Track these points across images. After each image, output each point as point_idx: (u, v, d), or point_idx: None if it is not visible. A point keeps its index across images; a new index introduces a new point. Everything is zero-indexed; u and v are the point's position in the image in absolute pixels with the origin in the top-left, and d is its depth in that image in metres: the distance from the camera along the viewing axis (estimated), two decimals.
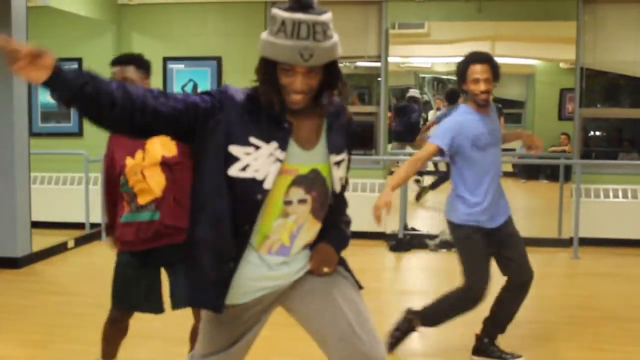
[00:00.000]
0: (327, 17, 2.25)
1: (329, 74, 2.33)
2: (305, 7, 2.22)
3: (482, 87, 4.03)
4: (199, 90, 8.13)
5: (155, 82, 8.42)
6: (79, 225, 8.01)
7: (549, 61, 8.72)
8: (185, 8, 8.37)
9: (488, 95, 4.08)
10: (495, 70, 4.09)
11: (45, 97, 8.51)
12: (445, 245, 7.57)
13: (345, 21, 8.23)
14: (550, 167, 8.28)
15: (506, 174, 8.71)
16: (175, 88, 8.39)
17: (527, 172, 10.20)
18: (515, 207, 4.85)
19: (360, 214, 8.15)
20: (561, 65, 9.54)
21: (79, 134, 8.49)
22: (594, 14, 7.99)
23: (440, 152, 4.12)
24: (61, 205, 8.33)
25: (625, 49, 8.03)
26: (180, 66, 8.36)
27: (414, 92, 10.94)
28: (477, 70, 4.03)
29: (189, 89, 8.36)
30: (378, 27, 8.20)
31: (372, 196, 8.05)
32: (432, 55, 10.50)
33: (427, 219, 9.04)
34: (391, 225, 7.87)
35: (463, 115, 4.19)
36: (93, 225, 8.04)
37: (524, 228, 7.96)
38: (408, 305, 4.46)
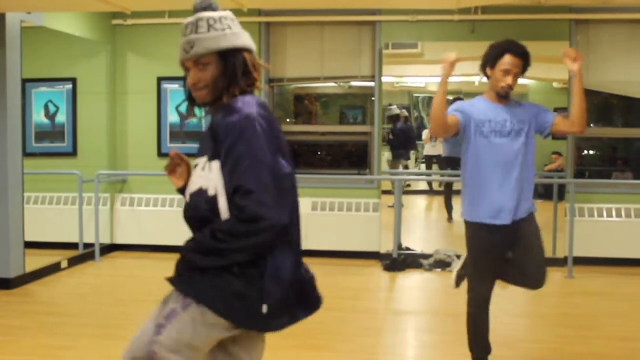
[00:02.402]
0: (213, 13, 2.37)
1: (226, 66, 2.37)
2: (200, 11, 2.39)
3: (509, 81, 3.93)
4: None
5: (150, 102, 8.48)
6: (72, 246, 7.96)
7: (542, 81, 8.74)
8: (179, 28, 8.34)
9: (511, 90, 3.97)
10: (526, 67, 4.03)
11: (39, 117, 8.50)
12: (439, 264, 7.57)
13: (339, 42, 8.27)
14: (544, 186, 8.28)
15: None
16: (170, 108, 8.39)
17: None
18: None
19: (354, 233, 8.22)
20: (554, 85, 9.57)
21: (73, 154, 8.48)
22: (587, 34, 8.05)
23: (455, 120, 3.97)
24: (55, 225, 8.31)
25: (617, 69, 8.08)
26: (174, 86, 8.36)
27: (392, 110, 10.88)
28: (511, 62, 3.92)
29: (183, 109, 8.37)
30: (372, 47, 8.23)
31: (367, 216, 8.05)
32: (426, 75, 10.50)
33: (421, 239, 9.03)
34: (386, 245, 7.89)
35: (473, 101, 4.13)
36: (87, 246, 8.01)
37: None
38: (404, 326, 4.42)
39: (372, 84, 8.27)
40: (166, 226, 8.33)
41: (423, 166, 10.66)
